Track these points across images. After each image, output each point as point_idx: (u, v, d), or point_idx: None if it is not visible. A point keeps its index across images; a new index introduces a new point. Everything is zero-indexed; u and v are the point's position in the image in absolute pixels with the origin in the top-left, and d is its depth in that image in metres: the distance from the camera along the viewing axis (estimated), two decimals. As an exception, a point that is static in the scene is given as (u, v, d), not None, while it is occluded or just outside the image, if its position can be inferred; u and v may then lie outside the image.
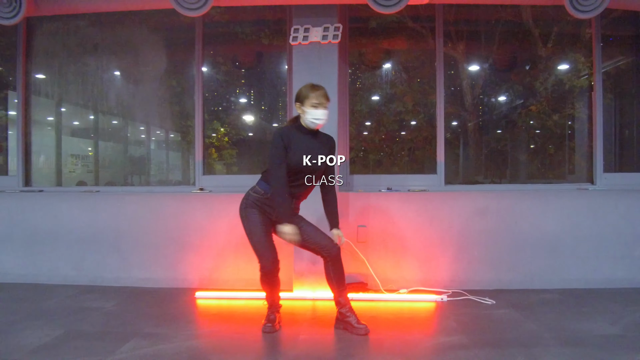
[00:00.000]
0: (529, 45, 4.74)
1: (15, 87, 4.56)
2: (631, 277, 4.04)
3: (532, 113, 4.97)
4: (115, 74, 4.80)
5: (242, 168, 4.73)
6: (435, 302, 3.67)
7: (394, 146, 4.82)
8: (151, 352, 2.66)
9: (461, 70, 4.70)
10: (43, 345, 2.77)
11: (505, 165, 4.91)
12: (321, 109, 2.82)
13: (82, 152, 5.22)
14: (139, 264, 4.16)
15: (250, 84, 4.81)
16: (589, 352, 2.62)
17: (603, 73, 4.41)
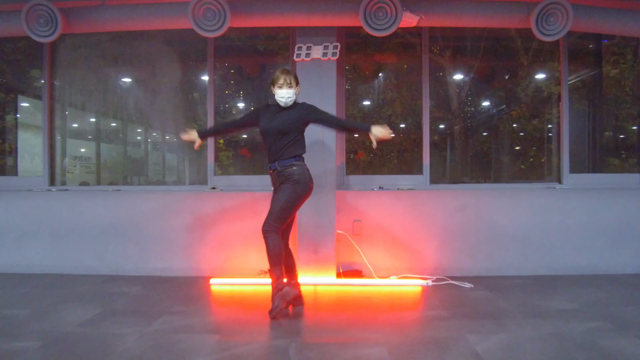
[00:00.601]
0: (509, 56, 5.29)
1: (21, 92, 5.00)
2: (593, 264, 4.60)
3: (513, 118, 5.52)
4: (133, 84, 5.26)
5: (237, 168, 5.19)
6: (421, 286, 4.19)
7: (383, 148, 5.32)
8: (182, 325, 3.15)
9: (448, 78, 5.23)
10: (87, 320, 3.24)
11: (489, 167, 5.45)
12: (285, 89, 3.33)
13: (109, 154, 5.69)
14: (157, 255, 4.63)
15: (253, 93, 5.30)
16: (547, 322, 3.17)
17: (579, 81, 4.98)
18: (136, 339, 2.86)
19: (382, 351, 2.67)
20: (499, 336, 2.90)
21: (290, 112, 3.39)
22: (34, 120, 5.78)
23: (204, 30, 3.85)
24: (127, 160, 5.64)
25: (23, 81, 5.51)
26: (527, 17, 3.98)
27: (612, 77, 5.30)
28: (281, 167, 3.34)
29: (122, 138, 5.66)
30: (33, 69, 5.46)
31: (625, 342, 2.77)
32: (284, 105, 3.38)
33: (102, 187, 5.10)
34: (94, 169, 5.61)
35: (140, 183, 5.48)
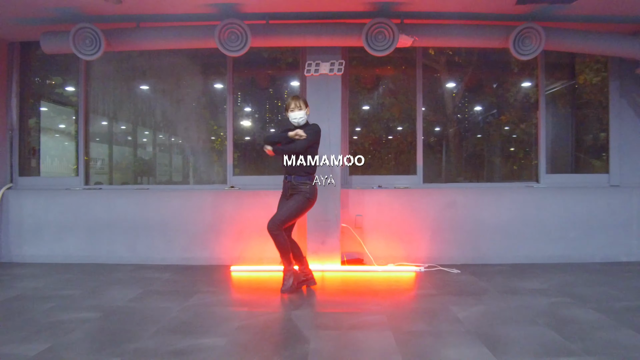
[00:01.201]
0: (497, 67, 5.91)
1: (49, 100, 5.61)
2: (566, 254, 5.24)
3: (502, 122, 6.15)
4: (159, 94, 5.88)
5: (242, 169, 5.79)
6: (415, 272, 4.82)
7: (382, 150, 5.94)
8: (214, 300, 3.78)
9: (442, 87, 5.83)
10: (133, 298, 3.85)
11: (481, 168, 6.06)
12: (296, 111, 4.00)
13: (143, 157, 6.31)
14: (182, 246, 5.24)
15: (265, 101, 5.92)
16: (518, 297, 3.81)
17: (562, 88, 5.63)
18: (179, 310, 3.48)
19: (381, 317, 3.30)
20: (476, 308, 3.53)
21: (304, 131, 4.05)
22: (52, 124, 6.36)
23: (228, 51, 4.46)
24: (169, 164, 6.24)
25: (44, 87, 6.02)
26: (506, 39, 4.61)
27: (595, 84, 5.91)
28: (296, 182, 4.02)
29: (151, 143, 6.27)
30: (55, 76, 6.06)
31: (579, 312, 3.41)
32: (297, 125, 4.06)
33: (133, 186, 5.69)
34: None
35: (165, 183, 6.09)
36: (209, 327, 3.13)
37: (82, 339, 2.91)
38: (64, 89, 6.05)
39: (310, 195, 4.01)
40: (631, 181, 5.44)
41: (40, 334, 3.00)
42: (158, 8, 4.48)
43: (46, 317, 3.35)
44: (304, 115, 4.05)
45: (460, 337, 2.92)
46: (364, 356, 2.67)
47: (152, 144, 6.30)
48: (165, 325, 3.15)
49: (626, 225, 5.30)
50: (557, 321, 3.20)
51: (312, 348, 2.74)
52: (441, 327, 3.11)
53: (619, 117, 5.51)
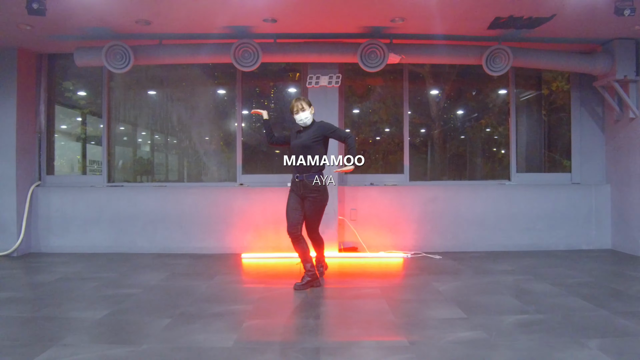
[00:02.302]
0: (473, 77, 6.66)
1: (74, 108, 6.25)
2: (534, 243, 6.03)
3: (481, 126, 6.91)
4: (176, 101, 6.54)
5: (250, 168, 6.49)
6: (402, 258, 5.55)
7: (370, 150, 6.67)
8: (234, 279, 4.48)
9: (427, 93, 6.58)
10: (163, 278, 4.51)
11: (462, 167, 6.81)
12: (300, 113, 4.09)
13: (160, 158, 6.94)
14: (197, 237, 5.91)
15: (268, 107, 6.61)
16: (489, 276, 4.57)
17: (531, 97, 6.47)
18: (207, 287, 4.16)
19: (376, 291, 4.03)
20: (454, 283, 4.28)
21: (309, 130, 4.14)
22: (63, 126, 6.91)
23: (242, 66, 5.15)
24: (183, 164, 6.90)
25: (57, 92, 6.56)
26: (480, 57, 5.36)
27: (566, 91, 6.70)
28: (308, 181, 4.05)
29: (173, 146, 6.93)
30: (65, 81, 6.65)
31: (537, 285, 4.17)
32: (303, 125, 4.15)
33: (152, 183, 6.34)
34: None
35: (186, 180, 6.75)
36: (236, 297, 3.83)
37: (134, 307, 3.58)
38: (73, 93, 6.63)
39: (323, 191, 4.12)
40: (590, 179, 6.25)
41: (97, 304, 3.66)
42: (180, 28, 5.14)
43: (96, 292, 4.01)
44: (309, 115, 4.12)
45: (440, 303, 3.65)
46: (364, 315, 3.39)
47: (165, 146, 6.94)
48: (199, 297, 3.84)
49: (586, 218, 6.10)
50: (519, 292, 3.95)
51: (323, 310, 3.46)
52: (425, 296, 3.84)
53: (580, 123, 6.31)
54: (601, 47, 5.69)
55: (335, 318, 3.35)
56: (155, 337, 2.90)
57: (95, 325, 3.14)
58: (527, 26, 5.02)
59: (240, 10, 4.56)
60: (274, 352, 2.68)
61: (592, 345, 2.73)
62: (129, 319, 3.30)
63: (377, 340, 2.90)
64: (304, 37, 5.37)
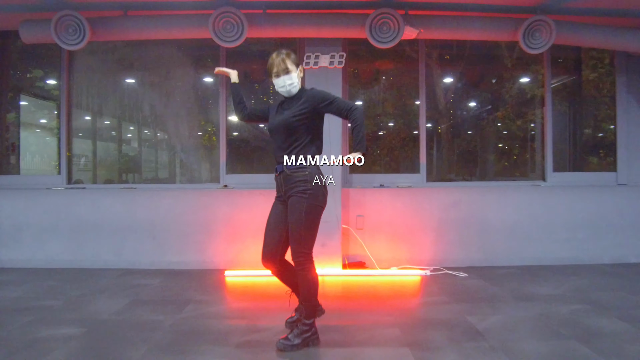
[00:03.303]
0: (495, 61, 5.70)
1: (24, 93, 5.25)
2: (574, 256, 5.05)
3: (499, 118, 5.94)
4: (147, 87, 5.54)
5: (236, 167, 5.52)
6: (420, 276, 4.58)
7: (374, 147, 5.69)
8: (210, 311, 3.48)
9: (439, 82, 5.61)
10: (120, 309, 3.53)
11: (490, 165, 5.86)
12: (282, 77, 2.74)
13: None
14: (173, 250, 4.93)
15: (261, 95, 5.63)
16: (536, 304, 3.58)
17: (561, 84, 5.43)
18: (172, 324, 3.18)
19: (395, 331, 3.04)
20: (494, 317, 3.29)
21: (296, 102, 2.78)
22: (33, 119, 5.98)
23: (223, 41, 4.16)
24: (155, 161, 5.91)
25: (24, 80, 5.67)
26: (515, 31, 4.37)
27: (591, 80, 5.75)
28: (290, 171, 2.75)
29: (144, 140, 5.94)
30: (35, 69, 5.68)
31: (605, 322, 3.19)
32: (287, 94, 2.81)
33: (119, 185, 5.35)
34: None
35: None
36: (206, 344, 2.84)
37: (64, 361, 2.60)
38: (45, 82, 5.69)
39: (319, 192, 2.77)
40: (639, 179, 5.27)
41: (13, 356, 2.68)
42: (146, -6, 4.16)
43: (23, 334, 3.02)
44: (297, 80, 2.78)
45: (486, 355, 2.66)
46: (382, 378, 2.41)
47: (137, 140, 5.95)
48: (157, 342, 2.85)
49: (635, 226, 5.13)
50: (584, 333, 2.98)
51: (324, 369, 2.48)
52: (462, 340, 2.86)
53: (626, 113, 5.33)
54: (658, 21, 4.71)
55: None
56: None
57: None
58: (577, -10, 4.04)
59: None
60: None
61: None
62: (49, 383, 2.33)
63: None
64: (300, 7, 4.36)
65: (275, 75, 2.77)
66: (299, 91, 2.82)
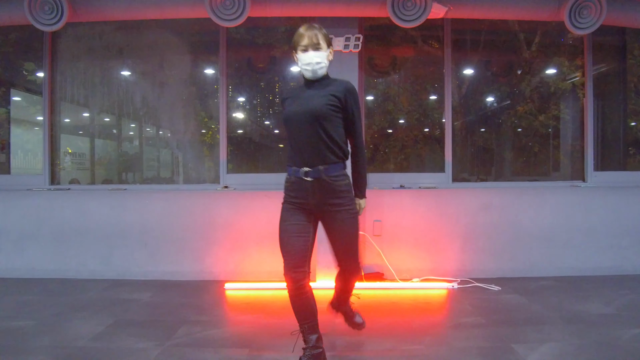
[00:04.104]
0: (517, 51, 5.14)
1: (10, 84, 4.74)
2: (618, 265, 4.48)
3: (519, 113, 5.38)
4: (139, 77, 5.00)
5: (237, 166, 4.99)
6: (446, 289, 4.02)
7: (386, 144, 5.16)
8: (205, 336, 2.94)
9: (461, 73, 5.07)
10: (99, 333, 3.00)
11: (525, 164, 5.31)
12: (311, 51, 2.33)
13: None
14: (167, 258, 4.40)
15: (264, 85, 5.09)
16: (590, 327, 3.02)
17: (617, 69, 4.90)
18: (158, 355, 2.64)
19: (421, 359, 2.49)
20: (546, 346, 2.73)
21: (323, 88, 2.37)
22: (26, 115, 5.52)
23: (222, 20, 3.61)
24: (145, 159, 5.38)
25: (15, 74, 5.21)
26: (559, 9, 3.81)
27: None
28: (330, 178, 2.33)
29: (135, 136, 5.42)
30: (27, 62, 5.18)
31: (679, 351, 2.63)
32: (313, 75, 2.37)
33: (108, 186, 4.83)
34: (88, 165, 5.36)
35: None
36: (198, 383, 2.30)
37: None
38: (37, 76, 5.19)
39: (354, 202, 2.48)
40: (691, 179, 4.69)
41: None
42: (134, -33, 3.62)
43: (-20, 365, 2.50)
44: (325, 60, 2.38)
45: (545, 399, 2.11)
46: None
47: (134, 136, 5.43)
48: (138, 381, 2.32)
49: (686, 231, 4.54)
50: (660, 368, 2.41)
51: None
52: (513, 380, 2.31)
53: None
54: None
55: None
56: None
57: None
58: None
59: None
60: None
61: None
62: None
63: None
64: (310, -19, 3.82)
65: (303, 49, 2.34)
66: (326, 77, 2.43)
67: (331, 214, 2.37)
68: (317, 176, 2.32)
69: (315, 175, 2.32)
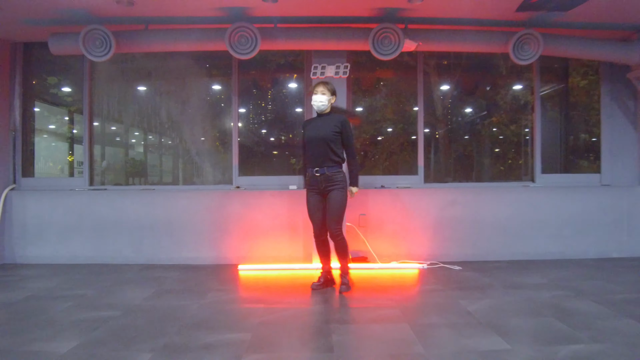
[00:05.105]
0: (490, 69, 6.11)
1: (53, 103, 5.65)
2: (561, 251, 5.45)
3: (493, 123, 6.34)
4: (165, 95, 5.94)
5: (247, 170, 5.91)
6: (418, 269, 4.97)
7: (374, 151, 6.09)
8: (230, 298, 3.87)
9: (440, 88, 6.02)
10: (148, 297, 3.91)
11: (482, 167, 6.25)
12: (318, 94, 3.98)
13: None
14: (189, 246, 5.31)
15: (269, 102, 6.03)
16: (522, 291, 3.98)
17: (553, 90, 5.86)
18: (197, 308, 3.56)
19: (395, 312, 3.44)
20: (484, 301, 3.69)
21: (329, 120, 4.00)
22: (45, 125, 6.28)
23: (239, 53, 4.56)
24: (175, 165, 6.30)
25: (43, 88, 5.99)
26: (506, 44, 4.79)
27: (582, 87, 6.16)
28: (330, 173, 3.94)
29: (162, 145, 6.32)
30: (49, 76, 6.05)
31: (582, 305, 3.59)
32: (318, 109, 4.02)
33: (139, 186, 5.74)
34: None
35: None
36: (231, 322, 3.23)
37: (110, 336, 2.98)
38: (59, 89, 6.04)
39: (344, 184, 4.02)
40: (621, 181, 5.69)
41: (66, 331, 3.06)
42: (167, 10, 4.55)
43: (68, 315, 3.41)
44: (327, 103, 4.00)
45: (473, 328, 3.06)
46: (387, 346, 2.79)
47: (154, 145, 6.34)
48: (188, 321, 3.24)
49: (617, 223, 5.54)
50: (562, 313, 3.37)
51: (336, 340, 2.87)
52: (454, 319, 3.26)
53: (611, 119, 5.75)
54: (637, 34, 5.12)
55: (352, 351, 2.76)
56: (129, 382, 2.30)
57: (58, 363, 2.55)
58: (560, 8, 4.45)
59: (237, -12, 3.98)
60: (280, 405, 2.09)
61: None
62: (101, 353, 2.70)
63: (408, 385, 2.32)
64: (308, 22, 4.78)
65: (315, 93, 4.01)
66: (331, 113, 4.11)
67: (329, 191, 3.99)
68: (323, 173, 3.98)
69: (322, 172, 3.98)
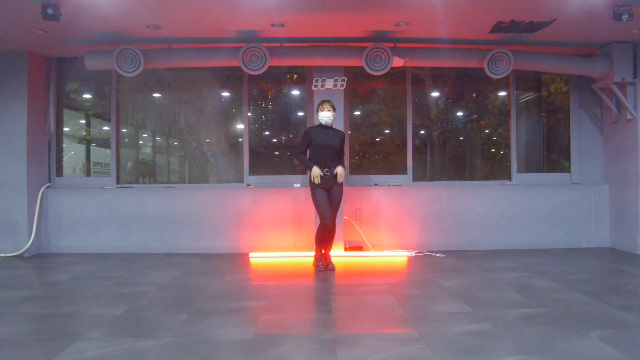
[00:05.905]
0: (472, 80, 6.82)
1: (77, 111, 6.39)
2: (535, 242, 6.17)
3: (482, 127, 7.06)
4: (183, 103, 6.67)
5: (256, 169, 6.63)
6: (407, 256, 5.68)
7: (371, 152, 6.81)
8: (245, 277, 4.60)
9: (429, 96, 6.73)
10: (175, 277, 4.63)
11: (465, 167, 6.96)
12: (325, 112, 4.82)
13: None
14: (205, 237, 6.03)
15: (274, 110, 6.75)
16: (491, 273, 4.70)
17: (530, 98, 6.61)
18: (219, 285, 4.28)
19: (383, 287, 4.16)
20: (458, 280, 4.41)
21: (334, 133, 4.93)
22: (66, 128, 6.93)
23: (250, 70, 5.27)
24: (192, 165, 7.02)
25: (71, 97, 6.70)
26: (481, 60, 5.49)
27: (555, 95, 6.86)
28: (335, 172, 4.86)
29: (180, 148, 7.04)
30: (70, 83, 6.76)
31: (539, 282, 4.31)
32: (325, 123, 4.85)
33: (161, 184, 6.46)
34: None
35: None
36: (249, 294, 3.96)
37: (151, 304, 3.70)
38: (78, 95, 6.73)
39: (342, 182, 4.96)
40: (589, 179, 6.41)
41: (114, 301, 3.77)
42: (188, 32, 5.26)
43: (111, 290, 4.12)
44: (332, 117, 4.87)
45: (446, 298, 3.78)
46: (374, 310, 3.51)
47: (172, 148, 7.06)
48: (213, 294, 3.96)
49: (585, 217, 6.25)
50: (521, 288, 4.09)
51: (334, 306, 3.59)
52: (431, 292, 3.98)
53: (579, 124, 6.46)
54: (599, 50, 5.84)
55: (347, 312, 3.48)
56: (175, 331, 3.02)
57: (116, 321, 3.26)
58: (527, 30, 5.17)
59: (249, 15, 4.69)
60: (292, 344, 2.80)
61: (593, 336, 2.86)
62: (148, 315, 3.42)
63: (388, 332, 3.04)
64: (310, 42, 5.50)
65: (321, 110, 4.85)
66: (333, 126, 4.96)
67: (335, 189, 4.88)
68: (331, 172, 4.80)
69: (331, 172, 4.82)
